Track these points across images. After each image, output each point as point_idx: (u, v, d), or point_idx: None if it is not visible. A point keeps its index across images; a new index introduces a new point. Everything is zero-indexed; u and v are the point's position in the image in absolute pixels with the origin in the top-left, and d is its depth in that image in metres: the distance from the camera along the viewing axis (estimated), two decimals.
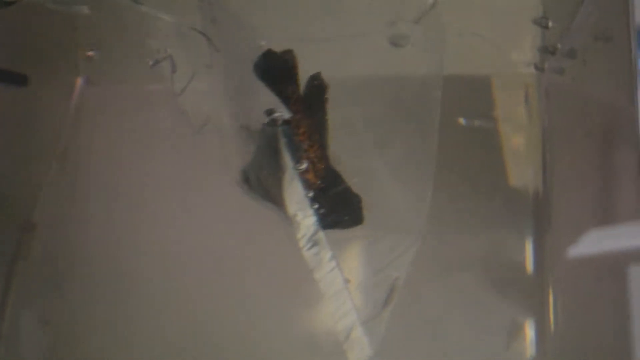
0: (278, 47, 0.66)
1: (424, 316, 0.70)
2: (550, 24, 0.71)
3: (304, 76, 0.66)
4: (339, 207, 0.62)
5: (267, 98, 0.62)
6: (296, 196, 0.61)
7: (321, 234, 0.61)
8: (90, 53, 0.79)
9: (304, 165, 0.61)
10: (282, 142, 0.61)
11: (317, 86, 0.64)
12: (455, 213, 0.70)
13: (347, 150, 0.64)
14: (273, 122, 0.61)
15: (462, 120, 0.71)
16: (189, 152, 0.78)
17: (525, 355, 0.69)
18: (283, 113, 0.61)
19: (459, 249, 0.71)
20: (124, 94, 0.80)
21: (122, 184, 0.79)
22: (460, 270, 0.71)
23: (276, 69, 0.63)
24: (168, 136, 0.78)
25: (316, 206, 0.61)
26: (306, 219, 0.61)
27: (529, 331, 0.69)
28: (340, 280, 0.61)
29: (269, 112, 0.61)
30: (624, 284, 0.57)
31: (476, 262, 0.71)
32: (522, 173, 0.71)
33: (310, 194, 0.61)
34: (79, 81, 0.80)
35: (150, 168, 0.79)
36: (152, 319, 0.76)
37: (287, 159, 0.61)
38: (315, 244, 0.61)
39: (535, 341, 0.69)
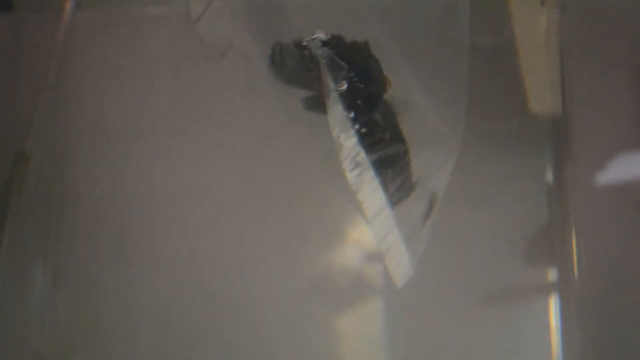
0: None
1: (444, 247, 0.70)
2: None
3: None
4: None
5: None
6: (338, 117, 0.60)
7: (363, 155, 0.60)
8: None
9: (344, 86, 0.60)
10: (323, 64, 0.60)
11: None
12: (470, 138, 0.69)
13: None
14: (313, 43, 0.60)
15: (476, 37, 0.71)
16: (189, 79, 0.76)
17: (548, 302, 0.69)
18: (322, 35, 0.60)
19: (475, 178, 0.70)
20: (117, 18, 0.77)
21: (119, 114, 0.76)
22: (476, 201, 0.70)
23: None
24: (167, 63, 0.76)
25: (357, 126, 0.61)
26: (348, 141, 0.60)
27: (551, 276, 0.70)
28: (383, 200, 0.61)
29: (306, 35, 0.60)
30: None
31: (494, 192, 0.70)
32: (540, 95, 0.71)
33: (352, 115, 0.60)
34: (69, 4, 0.76)
35: (148, 96, 0.76)
36: (155, 257, 0.73)
37: (328, 80, 0.60)
38: (357, 165, 0.60)
39: (558, 285, 0.69)
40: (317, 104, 0.62)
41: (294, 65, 0.61)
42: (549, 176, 0.70)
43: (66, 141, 0.76)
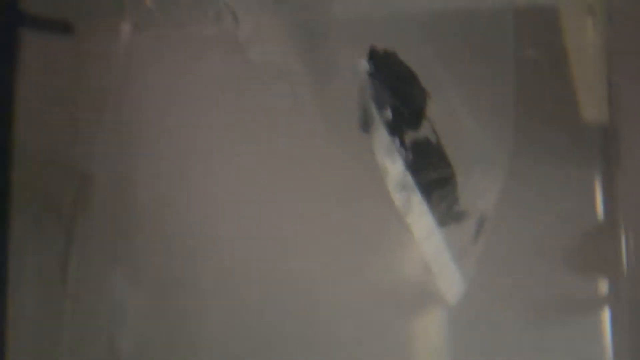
0: None
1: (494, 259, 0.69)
2: None
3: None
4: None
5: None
6: (383, 142, 0.61)
7: (409, 179, 0.62)
8: None
9: (389, 113, 0.61)
10: (367, 93, 0.61)
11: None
12: (519, 150, 0.68)
13: None
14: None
15: (524, 50, 0.70)
16: (247, 97, 0.76)
17: (600, 315, 0.69)
18: (364, 64, 0.61)
19: (525, 190, 0.69)
20: (173, 40, 0.79)
21: (179, 133, 0.77)
22: (525, 212, 0.69)
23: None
24: (224, 82, 0.77)
25: (402, 151, 0.62)
26: (394, 165, 0.61)
27: (602, 288, 0.69)
28: (431, 222, 0.62)
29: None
30: None
31: (543, 204, 0.69)
32: (589, 105, 0.70)
33: (397, 140, 0.62)
34: (126, 27, 0.78)
35: (206, 116, 0.77)
36: (219, 270, 0.75)
37: (371, 108, 0.61)
38: (404, 188, 0.62)
39: (610, 298, 0.69)
40: None
41: None
42: (599, 186, 0.70)
43: (128, 160, 0.78)
